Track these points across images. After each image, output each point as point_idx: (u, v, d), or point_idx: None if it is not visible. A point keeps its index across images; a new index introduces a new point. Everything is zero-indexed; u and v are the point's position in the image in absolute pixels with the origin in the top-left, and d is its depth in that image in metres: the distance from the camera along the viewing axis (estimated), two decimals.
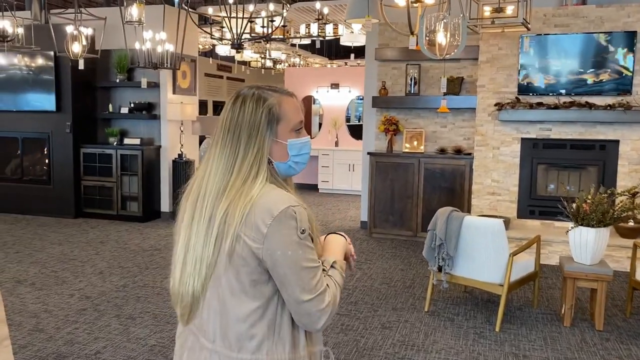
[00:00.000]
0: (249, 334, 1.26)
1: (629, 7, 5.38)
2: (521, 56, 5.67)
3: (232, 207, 1.23)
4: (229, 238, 1.22)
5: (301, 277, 1.21)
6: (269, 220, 1.20)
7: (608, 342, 3.65)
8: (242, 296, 1.25)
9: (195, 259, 1.27)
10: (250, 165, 1.26)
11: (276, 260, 1.21)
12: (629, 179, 5.50)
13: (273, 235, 1.20)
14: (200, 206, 1.28)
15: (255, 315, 1.25)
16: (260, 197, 1.23)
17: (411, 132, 6.65)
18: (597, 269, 3.82)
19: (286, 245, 1.20)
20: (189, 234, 1.29)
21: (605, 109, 5.42)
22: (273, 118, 1.29)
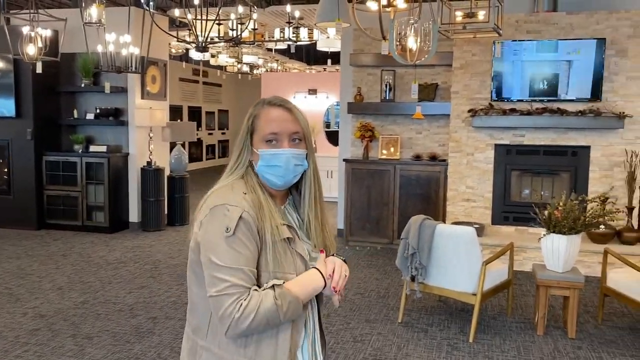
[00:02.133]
0: (192, 313, 1.37)
1: (597, 15, 5.41)
2: (494, 62, 5.66)
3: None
4: (192, 227, 1.35)
5: (213, 270, 1.25)
6: (206, 211, 1.29)
7: (580, 350, 3.60)
8: (190, 282, 1.35)
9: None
10: (230, 167, 1.39)
11: (202, 249, 1.28)
12: (600, 184, 5.51)
13: (205, 225, 1.28)
14: None
15: (197, 300, 1.34)
16: (214, 192, 1.34)
17: (387, 139, 6.58)
18: (569, 276, 3.78)
19: (210, 237, 1.26)
20: None
21: (577, 115, 5.43)
22: (250, 128, 1.38)
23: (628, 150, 5.35)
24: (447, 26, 4.39)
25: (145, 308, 4.33)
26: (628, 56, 5.32)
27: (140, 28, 5.43)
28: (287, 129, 1.35)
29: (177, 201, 7.55)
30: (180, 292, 4.72)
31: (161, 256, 5.96)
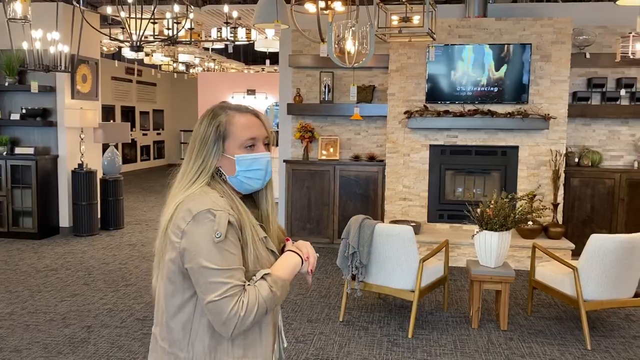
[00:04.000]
0: (168, 327, 1.34)
1: (524, 21, 5.70)
2: (428, 65, 5.84)
3: (167, 208, 1.34)
4: (160, 236, 1.34)
5: (210, 276, 1.25)
6: (189, 219, 1.27)
7: (512, 342, 3.79)
8: (166, 292, 1.34)
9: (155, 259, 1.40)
10: (192, 174, 1.36)
11: (189, 257, 1.27)
12: (528, 182, 5.82)
13: (190, 232, 1.26)
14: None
15: (175, 312, 1.33)
16: (187, 198, 1.31)
17: (326, 140, 6.64)
18: (501, 271, 3.96)
19: (200, 244, 1.25)
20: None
21: (506, 117, 5.70)
22: (220, 134, 1.37)
23: (553, 150, 5.67)
24: (384, 30, 4.50)
25: (79, 317, 4.15)
26: (552, 61, 5.64)
27: (69, 25, 5.19)
28: (261, 134, 1.41)
29: (111, 204, 7.28)
30: (116, 299, 4.56)
31: (95, 262, 5.73)
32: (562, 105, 5.66)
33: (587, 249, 3.70)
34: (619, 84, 5.88)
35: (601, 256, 3.66)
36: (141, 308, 4.37)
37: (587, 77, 6.00)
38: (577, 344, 3.75)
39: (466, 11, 5.99)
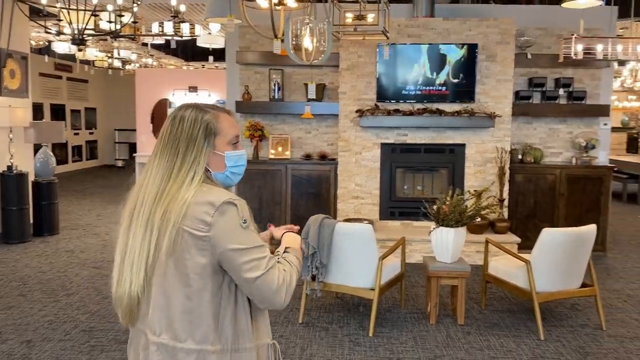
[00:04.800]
0: (194, 325, 1.33)
1: (470, 22, 5.84)
2: (379, 64, 5.87)
3: (170, 207, 1.32)
4: (168, 234, 1.30)
5: (249, 255, 1.31)
6: (212, 211, 1.30)
7: (470, 336, 3.86)
8: (185, 289, 1.32)
9: (133, 262, 1.35)
10: (186, 172, 1.37)
11: (223, 246, 1.30)
12: (475, 179, 5.97)
13: (217, 223, 1.30)
14: (137, 212, 1.37)
15: (198, 308, 1.33)
16: (198, 194, 1.33)
17: (277, 138, 6.53)
18: (457, 266, 4.03)
19: (231, 231, 1.31)
20: (127, 239, 1.38)
21: (453, 116, 5.82)
22: (211, 132, 1.41)
23: (498, 148, 5.85)
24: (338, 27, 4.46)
25: (17, 331, 3.83)
26: (497, 61, 5.82)
27: None
28: (238, 132, 1.51)
29: (45, 209, 6.83)
30: (57, 310, 4.26)
31: (30, 271, 5.34)
32: (507, 104, 5.85)
33: (539, 242, 3.83)
34: (557, 84, 6.16)
35: (552, 249, 3.79)
36: (86, 319, 4.10)
37: (528, 76, 6.24)
38: (531, 334, 3.87)
39: (414, 11, 6.07)
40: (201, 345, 1.34)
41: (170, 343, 1.35)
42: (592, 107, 6.09)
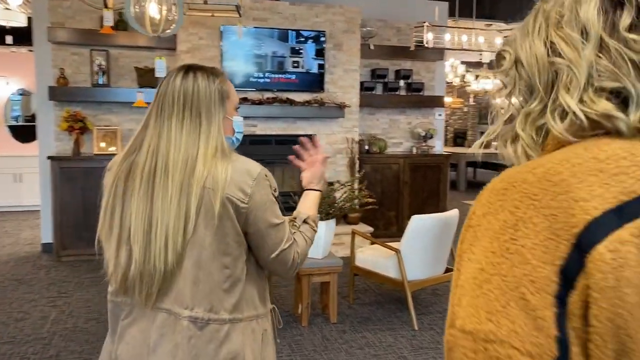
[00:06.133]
0: (228, 295, 1.32)
1: (317, 8, 5.67)
2: (223, 48, 5.37)
3: (212, 173, 1.29)
4: (218, 201, 1.27)
5: (277, 230, 1.37)
6: (251, 182, 1.31)
7: (346, 334, 3.64)
8: (223, 259, 1.31)
9: (167, 233, 1.27)
10: (215, 138, 1.33)
11: (258, 217, 1.33)
12: (325, 170, 5.82)
13: (255, 194, 1.31)
14: (162, 179, 1.29)
15: (232, 276, 1.32)
16: (235, 163, 1.32)
17: (103, 131, 5.60)
18: (329, 261, 3.78)
19: (265, 203, 1.33)
20: (150, 209, 1.29)
21: (304, 105, 5.60)
22: (223, 95, 1.39)
23: (348, 138, 5.79)
24: None
25: None
26: (344, 50, 5.74)
27: None
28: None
29: None
30: None
31: None
32: (354, 94, 5.82)
33: (409, 229, 3.76)
34: (397, 76, 6.33)
35: (421, 235, 3.75)
36: None
37: (371, 68, 6.30)
38: (404, 325, 3.79)
39: None
40: (233, 314, 1.33)
41: (205, 316, 1.30)
42: (429, 98, 6.39)
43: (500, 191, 0.54)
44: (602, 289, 0.47)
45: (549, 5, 0.61)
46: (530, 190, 0.52)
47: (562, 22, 0.59)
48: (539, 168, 0.53)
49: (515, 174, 0.55)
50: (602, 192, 0.49)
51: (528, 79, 0.62)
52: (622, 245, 0.47)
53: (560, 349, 0.47)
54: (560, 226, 0.49)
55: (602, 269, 0.47)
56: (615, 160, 0.51)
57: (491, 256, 0.52)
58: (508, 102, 0.65)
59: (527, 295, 0.48)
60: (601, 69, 0.56)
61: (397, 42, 6.36)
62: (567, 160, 0.53)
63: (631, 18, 0.56)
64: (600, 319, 0.47)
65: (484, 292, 0.51)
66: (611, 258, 0.47)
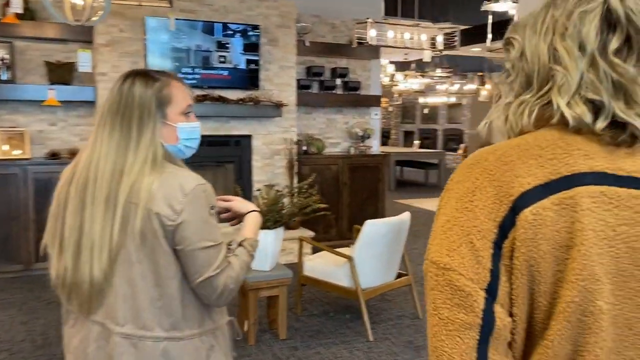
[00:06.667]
0: (162, 313, 1.27)
1: (250, 1, 5.33)
2: (148, 42, 4.90)
3: (136, 186, 1.24)
4: (139, 216, 1.23)
5: (207, 253, 1.27)
6: (181, 197, 1.24)
7: (298, 351, 3.37)
8: (154, 277, 1.26)
9: (93, 244, 1.26)
10: (147, 147, 1.27)
11: (184, 237, 1.25)
12: (263, 173, 5.53)
13: (185, 211, 1.24)
14: (91, 190, 1.27)
15: (165, 295, 1.27)
16: (167, 175, 1.26)
17: (8, 133, 4.93)
18: (278, 273, 3.49)
19: (197, 221, 1.25)
20: (81, 219, 1.27)
21: (238, 104, 5.25)
22: (163, 100, 1.32)
23: (286, 139, 5.51)
24: None
25: None
26: (279, 46, 5.44)
27: None
28: (191, 101, 1.42)
29: None
30: None
31: None
32: (291, 92, 5.54)
33: (362, 235, 3.55)
34: (334, 74, 6.13)
35: (375, 241, 3.56)
36: None
37: (306, 65, 6.06)
38: (358, 336, 3.58)
39: None
40: (171, 332, 1.28)
41: (138, 333, 1.27)
42: (366, 98, 6.25)
43: (469, 166, 0.72)
44: (524, 239, 0.65)
45: (558, 13, 0.71)
46: (489, 167, 0.69)
47: (566, 35, 0.70)
48: (498, 151, 0.70)
49: (481, 153, 0.72)
50: (536, 172, 0.66)
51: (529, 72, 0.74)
52: (543, 210, 0.64)
53: (492, 277, 0.66)
54: (503, 194, 0.66)
55: (526, 226, 0.65)
56: (552, 149, 0.68)
57: (455, 212, 0.69)
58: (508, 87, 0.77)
59: (474, 240, 0.67)
60: (588, 82, 0.68)
61: (332, 39, 6.16)
62: (518, 146, 0.70)
63: (619, 43, 0.68)
64: (520, 260, 0.65)
65: (447, 236, 0.69)
66: (533, 219, 0.64)
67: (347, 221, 5.94)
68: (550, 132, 0.70)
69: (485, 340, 0.66)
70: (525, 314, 0.67)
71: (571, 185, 0.65)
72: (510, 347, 0.68)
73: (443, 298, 0.68)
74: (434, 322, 0.69)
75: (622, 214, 0.65)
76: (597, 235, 0.64)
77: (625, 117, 0.67)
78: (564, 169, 0.66)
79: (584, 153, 0.67)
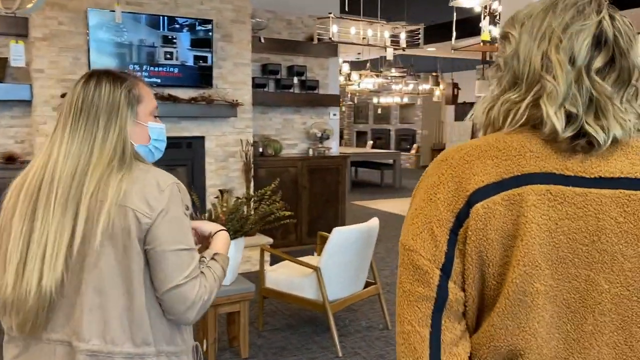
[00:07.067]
0: (134, 325, 1.17)
1: None
2: (90, 35, 4.50)
3: (103, 185, 1.16)
4: (105, 213, 1.13)
5: (179, 257, 1.18)
6: (157, 193, 1.17)
7: None
8: (125, 283, 1.16)
9: (45, 253, 1.14)
10: (114, 145, 1.20)
11: (157, 235, 1.16)
12: (217, 177, 5.22)
13: (162, 208, 1.16)
14: (46, 194, 1.16)
15: (140, 303, 1.17)
16: (140, 172, 1.19)
17: None
18: (240, 287, 3.21)
19: (172, 220, 1.18)
20: (31, 227, 1.16)
21: (189, 103, 4.92)
22: (134, 99, 1.26)
23: (242, 140, 5.22)
24: None
25: None
26: (233, 42, 5.15)
27: None
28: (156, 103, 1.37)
29: None
30: None
31: None
32: (246, 91, 5.26)
33: (330, 244, 3.32)
34: (290, 72, 5.88)
35: (344, 250, 3.35)
36: None
37: (262, 63, 5.78)
38: (326, 352, 3.36)
39: None
40: (141, 347, 1.17)
41: (105, 348, 1.15)
42: (325, 97, 6.04)
43: (439, 162, 0.84)
44: (475, 229, 0.77)
45: (555, 24, 0.79)
46: (453, 164, 0.81)
47: (560, 47, 0.78)
48: (463, 150, 0.82)
49: (449, 152, 0.84)
50: (491, 171, 0.78)
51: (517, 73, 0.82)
52: (493, 205, 0.76)
53: (447, 259, 0.79)
54: (461, 189, 0.79)
55: (477, 217, 0.77)
56: (508, 150, 0.79)
57: (421, 202, 0.83)
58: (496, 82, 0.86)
59: (434, 228, 0.80)
60: (571, 96, 0.77)
61: (289, 35, 5.92)
62: (479, 146, 0.81)
63: (602, 63, 0.77)
64: (471, 246, 0.78)
65: (413, 223, 0.82)
66: (483, 212, 0.77)
67: (307, 226, 5.71)
68: (510, 135, 0.80)
69: (439, 309, 0.78)
70: (476, 291, 0.79)
71: (520, 183, 0.76)
72: (464, 316, 0.81)
73: (407, 274, 0.80)
74: (399, 294, 0.82)
75: (564, 210, 0.75)
76: (539, 228, 0.75)
77: (591, 130, 0.76)
78: (516, 169, 0.77)
79: (536, 155, 0.77)
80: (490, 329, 0.78)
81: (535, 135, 0.78)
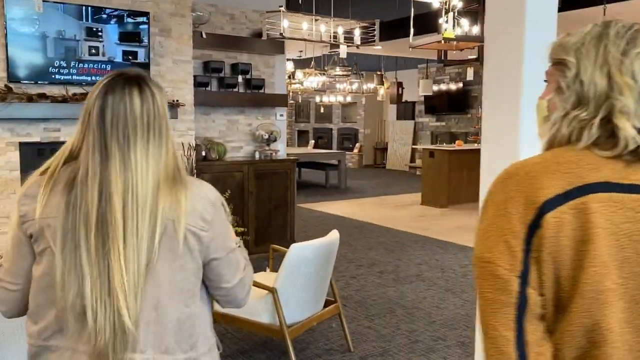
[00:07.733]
0: (186, 333, 1.21)
1: None
2: (9, 28, 3.94)
3: (174, 201, 1.14)
4: (181, 234, 1.15)
5: (236, 255, 1.27)
6: (210, 208, 1.21)
7: None
8: (182, 296, 1.19)
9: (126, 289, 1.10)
10: (174, 158, 1.20)
11: (219, 244, 1.22)
12: None
13: (215, 221, 1.21)
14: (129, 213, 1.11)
15: (195, 312, 1.22)
16: (192, 187, 1.20)
17: None
18: None
19: (223, 230, 1.24)
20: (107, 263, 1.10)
21: None
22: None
23: (184, 143, 4.78)
24: None
25: None
26: (173, 37, 4.71)
27: None
28: None
29: None
30: None
31: None
32: (187, 91, 4.84)
33: (287, 262, 3.01)
34: (234, 70, 5.50)
35: (302, 268, 3.04)
36: None
37: (203, 60, 5.37)
38: None
39: None
40: (188, 353, 1.21)
41: (159, 358, 1.17)
42: (271, 97, 5.70)
43: (503, 180, 0.93)
44: (548, 237, 0.85)
45: (614, 49, 0.90)
46: (519, 180, 0.90)
47: (622, 67, 0.90)
48: (526, 167, 0.91)
49: (512, 169, 0.93)
50: (556, 184, 0.87)
51: (581, 95, 0.92)
52: (562, 214, 0.85)
53: (524, 267, 0.87)
54: (530, 202, 0.87)
55: (549, 226, 0.85)
56: (568, 164, 0.89)
57: (493, 218, 0.91)
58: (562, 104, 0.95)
59: (509, 239, 0.88)
60: (637, 112, 0.89)
61: (232, 31, 5.53)
62: (540, 163, 0.91)
63: None
64: (545, 253, 0.86)
65: (487, 237, 0.91)
66: (554, 221, 0.85)
67: (255, 235, 5.37)
68: (566, 150, 0.92)
69: (522, 313, 0.87)
70: (552, 294, 0.88)
71: (583, 193, 0.86)
72: (543, 318, 0.89)
73: (487, 285, 0.89)
74: (481, 303, 0.91)
75: (625, 214, 0.86)
76: (604, 232, 0.85)
77: None
78: (578, 180, 0.87)
79: (593, 167, 0.88)
80: (569, 327, 0.86)
81: (587, 149, 0.90)
